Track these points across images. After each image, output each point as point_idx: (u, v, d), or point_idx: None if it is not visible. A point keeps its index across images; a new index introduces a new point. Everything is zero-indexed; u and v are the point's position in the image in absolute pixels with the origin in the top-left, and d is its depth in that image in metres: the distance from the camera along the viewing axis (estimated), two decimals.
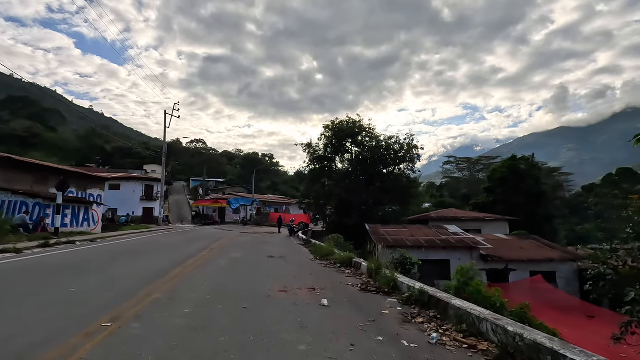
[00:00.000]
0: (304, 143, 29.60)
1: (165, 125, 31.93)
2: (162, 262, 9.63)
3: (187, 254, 11.86)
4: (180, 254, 11.60)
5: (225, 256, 11.87)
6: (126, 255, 11.11)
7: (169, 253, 12.01)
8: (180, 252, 12.25)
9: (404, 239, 17.44)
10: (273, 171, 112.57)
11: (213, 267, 9.07)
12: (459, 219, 24.29)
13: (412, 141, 26.93)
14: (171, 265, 9.01)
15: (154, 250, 12.75)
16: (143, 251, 12.26)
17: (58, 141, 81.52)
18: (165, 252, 12.12)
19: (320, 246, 14.99)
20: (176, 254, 11.82)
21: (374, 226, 20.44)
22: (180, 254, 11.59)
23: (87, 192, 25.33)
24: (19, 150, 53.38)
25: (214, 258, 11.14)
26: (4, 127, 74.72)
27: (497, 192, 31.91)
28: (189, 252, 12.45)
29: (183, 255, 11.47)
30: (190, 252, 12.48)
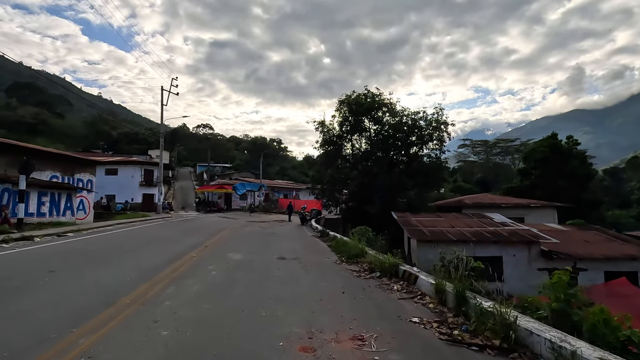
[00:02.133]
0: (316, 121, 26.29)
1: (163, 103, 28.83)
2: (120, 275, 6.59)
3: (169, 256, 8.86)
4: (158, 257, 8.60)
5: (220, 259, 8.84)
6: (74, 264, 8.10)
7: (144, 256, 9.00)
8: (159, 254, 9.26)
9: (444, 231, 14.22)
10: (281, 156, 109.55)
11: (194, 285, 6.00)
12: (498, 206, 20.92)
13: (441, 116, 23.37)
14: (130, 283, 5.97)
15: (128, 251, 9.78)
16: (108, 254, 9.27)
17: (65, 128, 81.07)
18: (138, 255, 9.12)
19: (344, 241, 11.87)
20: (153, 256, 8.83)
21: (403, 215, 17.24)
22: (159, 257, 8.60)
23: (75, 177, 22.61)
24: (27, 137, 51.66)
25: (203, 263, 8.11)
26: (11, 114, 73.87)
27: (535, 174, 28.21)
28: (173, 252, 9.46)
29: (163, 258, 8.47)
30: (175, 252, 9.48)
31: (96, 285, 5.56)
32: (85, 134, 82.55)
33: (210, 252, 9.91)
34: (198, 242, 11.93)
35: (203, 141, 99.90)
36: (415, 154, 23.81)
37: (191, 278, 6.39)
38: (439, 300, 5.37)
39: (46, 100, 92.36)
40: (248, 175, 61.38)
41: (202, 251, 9.92)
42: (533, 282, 13.67)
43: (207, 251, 10.00)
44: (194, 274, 6.76)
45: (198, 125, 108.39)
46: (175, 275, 6.60)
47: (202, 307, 4.73)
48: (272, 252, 10.58)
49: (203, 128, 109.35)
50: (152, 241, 11.68)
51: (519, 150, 78.51)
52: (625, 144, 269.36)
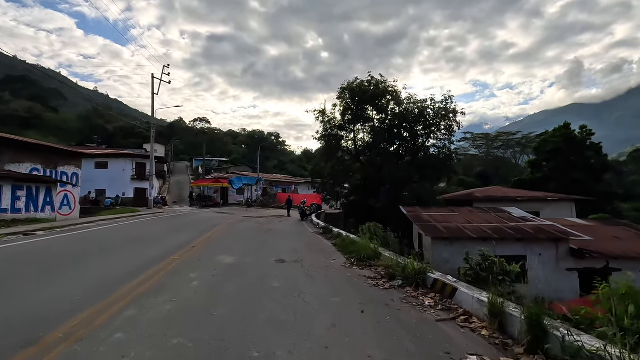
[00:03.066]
0: (317, 110, 24.72)
1: (153, 91, 27.15)
2: (68, 292, 5.12)
3: (146, 260, 7.41)
4: (131, 262, 7.15)
5: (208, 263, 7.39)
6: (10, 275, 6.65)
7: (114, 261, 7.53)
8: (135, 258, 7.80)
9: (460, 227, 12.82)
10: (279, 150, 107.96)
11: (165, 305, 4.54)
12: (512, 199, 19.54)
13: (450, 104, 21.84)
14: (76, 303, 4.50)
15: (96, 254, 8.30)
16: (68, 259, 7.79)
17: (59, 122, 79.76)
18: (107, 260, 7.64)
19: (351, 240, 10.44)
20: (125, 261, 7.36)
21: (413, 209, 15.83)
22: (132, 262, 7.14)
23: (58, 170, 21.05)
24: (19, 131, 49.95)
25: (185, 270, 6.66)
26: (4, 107, 72.24)
27: (547, 166, 26.80)
28: (152, 255, 8.00)
29: (137, 263, 7.02)
30: (155, 255, 8.03)
31: (20, 311, 4.07)
32: (79, 128, 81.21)
33: (197, 253, 8.46)
34: (186, 240, 10.48)
35: (200, 135, 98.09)
36: (422, 144, 22.34)
37: (164, 293, 4.93)
38: (496, 326, 3.94)
39: (40, 94, 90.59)
40: (245, 169, 59.87)
41: (188, 253, 8.47)
42: (561, 284, 12.35)
43: (193, 253, 8.54)
44: (169, 287, 5.30)
45: (195, 119, 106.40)
46: (144, 289, 5.14)
47: (168, 344, 3.28)
48: (270, 252, 9.14)
49: (200, 122, 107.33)
50: (132, 241, 10.21)
51: (520, 143, 77.21)
52: (623, 138, 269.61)
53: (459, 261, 12.47)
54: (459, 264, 12.43)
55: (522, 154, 77.86)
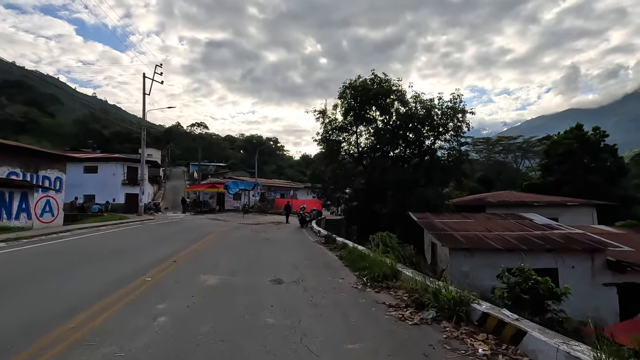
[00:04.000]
0: (317, 110, 23.38)
1: (145, 92, 25.78)
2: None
3: (107, 282, 5.94)
4: (87, 286, 5.67)
5: (186, 286, 5.92)
6: None
7: (67, 284, 6.04)
8: (96, 279, 6.32)
9: (481, 236, 11.39)
10: (278, 155, 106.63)
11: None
12: (528, 204, 18.15)
13: (459, 104, 20.52)
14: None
15: (49, 274, 6.81)
16: (7, 283, 6.34)
17: (54, 126, 78.83)
18: (58, 283, 6.14)
19: (359, 253, 8.96)
20: (81, 284, 5.89)
21: (423, 215, 14.40)
22: (89, 286, 5.67)
23: (40, 174, 19.55)
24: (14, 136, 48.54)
25: (155, 296, 5.19)
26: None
27: (559, 169, 25.43)
28: (118, 274, 6.53)
29: (94, 287, 5.55)
30: (124, 273, 6.56)
31: None
32: (75, 133, 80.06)
33: (176, 271, 6.98)
34: (168, 253, 9.00)
35: (197, 140, 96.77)
36: (429, 146, 20.97)
37: (107, 343, 3.45)
38: None
39: (37, 99, 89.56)
40: (243, 174, 58.45)
41: (165, 270, 7.00)
42: (598, 301, 10.89)
43: (172, 270, 7.06)
44: (121, 329, 3.82)
45: (192, 123, 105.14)
46: (86, 330, 3.67)
47: None
48: (265, 269, 7.68)
49: (197, 127, 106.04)
50: (102, 255, 8.71)
51: (521, 148, 76.19)
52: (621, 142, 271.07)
53: (481, 275, 11.05)
54: (481, 279, 11.00)
55: (524, 159, 76.85)
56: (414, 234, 15.89)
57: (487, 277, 11.16)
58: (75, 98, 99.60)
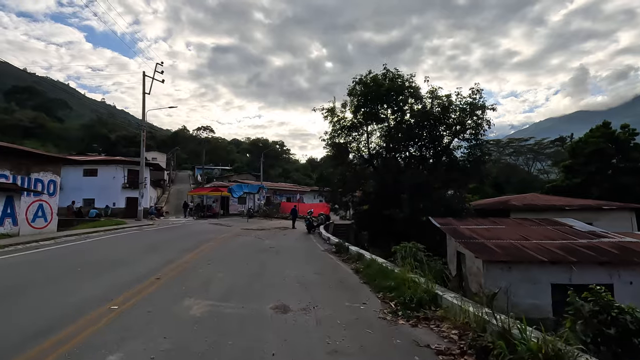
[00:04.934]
0: (325, 108, 21.98)
1: (145, 91, 24.67)
2: None
3: (58, 314, 4.53)
4: (26, 319, 4.25)
5: (163, 317, 4.50)
6: None
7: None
8: (47, 306, 4.93)
9: (518, 245, 9.81)
10: (284, 158, 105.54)
11: None
12: (559, 208, 16.48)
13: (479, 99, 18.95)
14: None
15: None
16: None
17: (62, 131, 79.35)
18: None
19: (380, 266, 7.47)
20: (23, 316, 4.48)
21: (446, 221, 12.86)
22: (29, 319, 4.25)
23: (32, 177, 18.43)
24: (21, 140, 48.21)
25: (113, 336, 3.77)
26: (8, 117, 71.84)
27: (585, 171, 23.60)
28: (83, 298, 5.14)
29: (29, 324, 4.14)
30: (94, 294, 5.16)
31: None
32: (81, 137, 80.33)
33: (155, 294, 5.57)
34: (154, 267, 7.62)
35: (203, 144, 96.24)
36: (447, 145, 19.41)
37: None
38: None
39: (45, 104, 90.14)
40: (248, 177, 57.32)
41: (143, 292, 5.59)
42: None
43: (151, 292, 5.66)
44: None
45: (198, 127, 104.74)
46: None
47: None
48: (267, 289, 6.23)
49: (203, 130, 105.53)
50: (75, 269, 7.35)
51: (532, 150, 73.91)
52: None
53: (519, 292, 9.46)
54: (520, 296, 9.42)
55: (535, 161, 74.54)
56: (431, 241, 14.35)
57: (527, 294, 9.57)
58: (84, 103, 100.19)
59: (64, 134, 78.35)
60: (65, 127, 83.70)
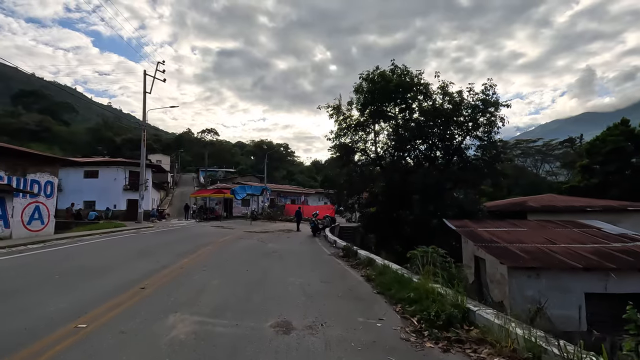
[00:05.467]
0: (331, 106, 21.15)
1: (145, 90, 24.08)
2: None
3: (13, 339, 3.71)
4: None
5: (139, 339, 3.67)
6: None
7: None
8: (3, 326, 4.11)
9: (546, 250, 8.88)
10: (288, 161, 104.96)
11: None
12: (580, 210, 15.46)
13: (492, 96, 18.01)
14: None
15: None
16: None
17: (67, 134, 79.80)
18: None
19: (395, 274, 6.61)
20: None
21: (462, 223, 11.94)
22: None
23: (28, 178, 17.83)
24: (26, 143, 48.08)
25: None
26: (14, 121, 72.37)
27: (604, 170, 22.47)
28: (47, 313, 4.32)
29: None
30: (63, 307, 4.35)
31: None
32: (87, 141, 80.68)
33: (135, 308, 4.76)
34: (142, 274, 6.84)
35: (207, 146, 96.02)
36: (459, 144, 18.48)
37: None
38: None
39: (52, 107, 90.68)
40: (252, 179, 56.66)
41: (121, 306, 4.79)
42: None
43: (130, 305, 4.85)
44: None
45: (203, 130, 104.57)
46: None
47: None
48: (267, 301, 5.40)
49: (208, 133, 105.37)
50: (53, 277, 6.58)
51: (540, 151, 72.42)
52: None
53: (551, 302, 8.52)
54: (550, 307, 8.48)
55: (543, 163, 72.99)
56: (444, 245, 13.43)
57: (557, 304, 8.60)
58: (91, 107, 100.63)
59: (70, 137, 78.75)
60: (71, 131, 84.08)
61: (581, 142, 64.32)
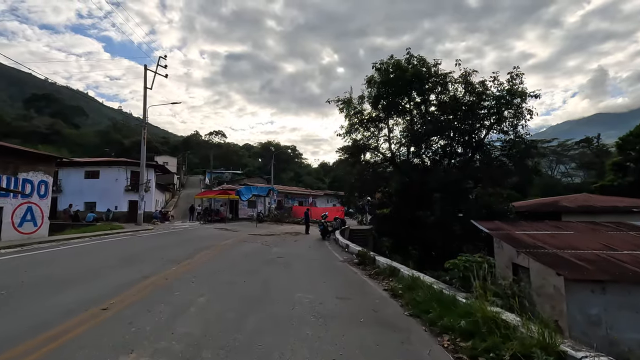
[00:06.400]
0: (341, 100, 19.73)
1: (146, 85, 22.99)
2: None
3: None
4: None
5: None
6: None
7: None
8: None
9: (614, 259, 7.27)
10: (296, 162, 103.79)
11: None
12: (623, 211, 13.73)
13: (519, 85, 16.37)
14: None
15: None
16: None
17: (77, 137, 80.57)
18: None
19: (434, 292, 5.12)
20: None
21: (494, 225, 10.36)
22: None
23: (20, 177, 16.82)
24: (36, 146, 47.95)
25: None
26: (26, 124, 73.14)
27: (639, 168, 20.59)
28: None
29: None
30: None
31: None
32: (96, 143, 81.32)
33: (80, 341, 3.38)
34: (115, 286, 5.48)
35: (214, 148, 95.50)
36: (482, 139, 16.86)
37: None
38: None
39: (63, 111, 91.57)
40: (259, 180, 55.51)
41: (62, 337, 3.41)
42: None
43: (74, 336, 3.47)
44: None
45: (210, 132, 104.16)
46: None
47: None
48: (265, 330, 3.96)
49: (215, 135, 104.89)
50: (7, 292, 5.25)
51: (555, 152, 69.77)
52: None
53: (622, 323, 6.93)
54: (622, 329, 6.85)
55: (558, 164, 70.24)
56: (467, 249, 11.88)
57: (631, 326, 6.96)
58: (102, 111, 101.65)
59: (79, 140, 79.44)
60: (81, 134, 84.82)
61: (598, 142, 61.64)
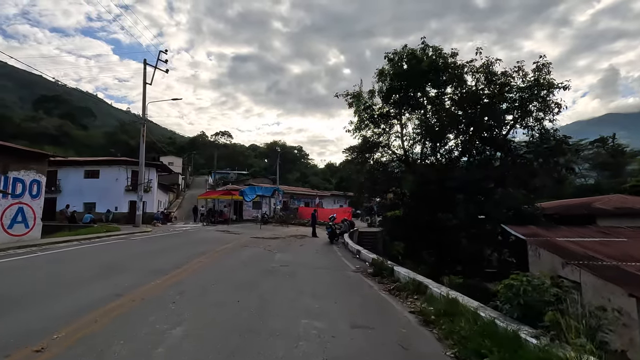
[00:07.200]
0: (350, 94, 18.47)
1: (145, 81, 22.01)
2: None
3: None
4: None
5: None
6: None
7: None
8: None
9: None
10: (302, 163, 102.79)
11: None
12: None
13: (546, 76, 14.93)
14: None
15: None
16: None
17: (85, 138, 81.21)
18: None
19: (487, 326, 3.85)
20: None
21: (530, 230, 9.01)
22: None
23: (10, 176, 15.84)
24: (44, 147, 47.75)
25: None
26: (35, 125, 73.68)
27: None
28: None
29: None
30: None
31: None
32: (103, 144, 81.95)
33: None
34: (73, 311, 4.30)
35: (221, 149, 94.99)
36: (505, 135, 15.45)
37: None
38: None
39: (71, 112, 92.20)
40: (264, 181, 54.42)
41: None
42: None
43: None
44: None
45: (216, 132, 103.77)
46: None
47: None
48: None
49: (222, 136, 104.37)
50: None
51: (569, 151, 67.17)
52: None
53: None
54: None
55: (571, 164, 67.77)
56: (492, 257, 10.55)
57: None
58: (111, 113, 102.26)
59: (87, 141, 80.00)
60: (89, 135, 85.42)
61: (613, 142, 59.66)
